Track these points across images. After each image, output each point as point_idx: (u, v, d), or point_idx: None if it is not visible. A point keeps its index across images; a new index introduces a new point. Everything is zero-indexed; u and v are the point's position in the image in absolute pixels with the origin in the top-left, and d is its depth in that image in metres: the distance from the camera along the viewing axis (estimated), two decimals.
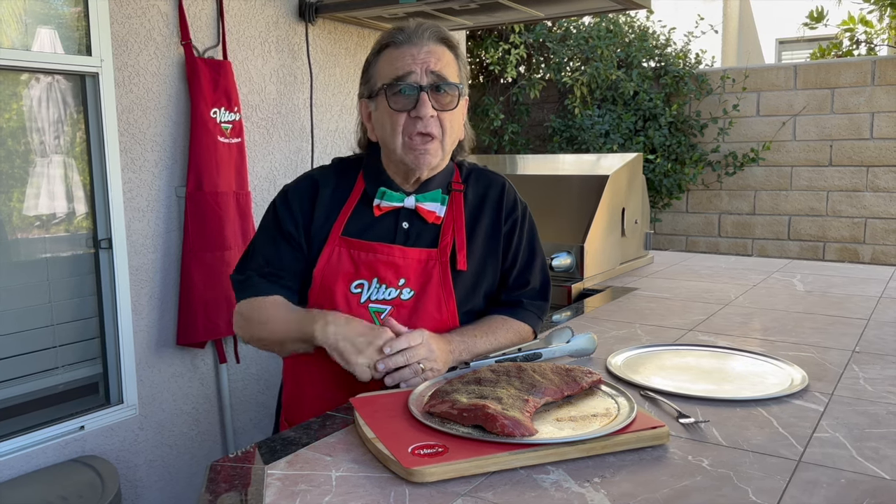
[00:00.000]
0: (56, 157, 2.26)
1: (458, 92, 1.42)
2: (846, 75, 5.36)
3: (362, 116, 1.51)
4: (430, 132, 1.39)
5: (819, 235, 5.60)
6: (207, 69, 2.53)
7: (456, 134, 1.47)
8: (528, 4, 2.83)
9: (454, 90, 1.41)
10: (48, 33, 2.20)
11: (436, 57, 1.39)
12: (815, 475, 1.02)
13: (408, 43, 1.39)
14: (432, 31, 1.41)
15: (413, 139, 1.39)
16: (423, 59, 1.38)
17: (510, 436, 1.05)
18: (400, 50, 1.40)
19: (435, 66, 1.38)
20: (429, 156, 1.40)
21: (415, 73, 1.37)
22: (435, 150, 1.41)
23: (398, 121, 1.39)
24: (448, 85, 1.40)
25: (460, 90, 1.42)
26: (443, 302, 1.47)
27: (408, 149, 1.40)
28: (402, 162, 1.43)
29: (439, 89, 1.39)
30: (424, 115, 1.37)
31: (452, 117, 1.42)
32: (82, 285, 2.37)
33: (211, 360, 2.72)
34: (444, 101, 1.40)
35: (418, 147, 1.39)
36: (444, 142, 1.42)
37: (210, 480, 1.04)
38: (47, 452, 2.22)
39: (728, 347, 1.64)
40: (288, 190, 1.53)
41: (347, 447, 1.12)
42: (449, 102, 1.41)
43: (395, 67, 1.39)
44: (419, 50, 1.39)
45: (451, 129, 1.43)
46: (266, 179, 2.86)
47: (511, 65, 5.69)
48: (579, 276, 2.50)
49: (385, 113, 1.41)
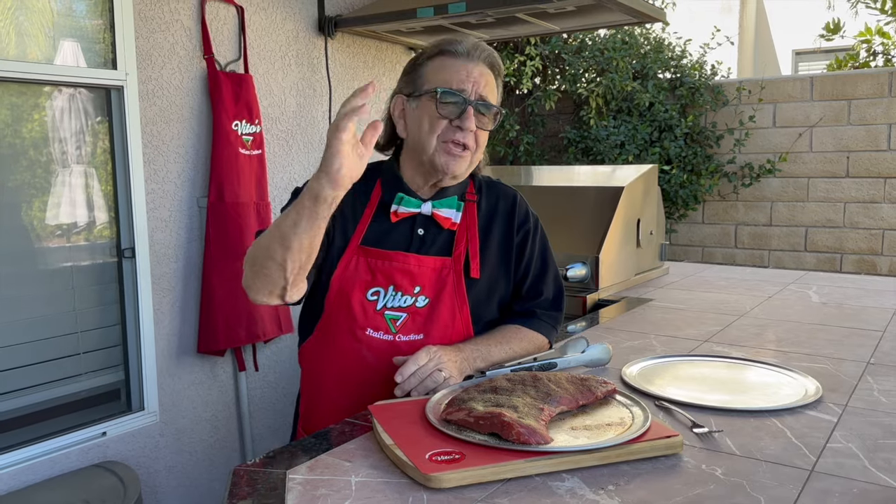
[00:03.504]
0: (81, 167, 2.32)
1: (495, 115, 1.49)
2: (863, 87, 5.34)
3: (393, 111, 1.53)
4: (466, 143, 1.45)
5: (836, 247, 5.57)
6: (229, 82, 2.58)
7: (482, 151, 1.53)
8: (543, 18, 2.87)
9: (493, 114, 1.48)
10: (73, 47, 2.26)
11: (486, 80, 1.47)
12: (827, 485, 1.03)
13: (465, 57, 1.46)
14: (488, 53, 1.49)
15: (449, 144, 1.45)
16: (475, 79, 1.45)
17: (526, 443, 1.07)
18: (457, 61, 1.46)
19: (484, 89, 1.46)
20: (460, 162, 1.46)
21: (467, 90, 1.44)
22: (467, 159, 1.47)
23: (438, 125, 1.44)
24: (491, 108, 1.47)
25: (497, 117, 1.50)
26: (457, 310, 1.50)
27: (442, 151, 1.45)
28: (431, 163, 1.47)
29: (482, 112, 1.46)
30: (467, 128, 1.44)
31: (485, 137, 1.50)
32: (105, 294, 2.41)
33: (230, 368, 2.75)
34: (484, 122, 1.47)
35: (453, 151, 1.45)
36: (474, 155, 1.49)
37: (233, 484, 1.07)
38: (70, 458, 2.26)
39: (742, 358, 1.65)
40: None
41: (366, 453, 1.14)
42: (487, 123, 1.48)
43: (451, 77, 1.45)
44: (474, 67, 1.46)
45: (481, 145, 1.50)
46: (285, 190, 2.90)
47: (526, 76, 5.71)
48: (594, 286, 2.52)
49: (428, 115, 1.45)
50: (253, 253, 1.34)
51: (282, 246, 1.25)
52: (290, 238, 1.24)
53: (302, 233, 1.23)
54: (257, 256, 1.32)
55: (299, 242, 1.24)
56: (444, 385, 1.35)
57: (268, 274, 1.30)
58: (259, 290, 1.34)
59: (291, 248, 1.25)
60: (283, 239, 1.25)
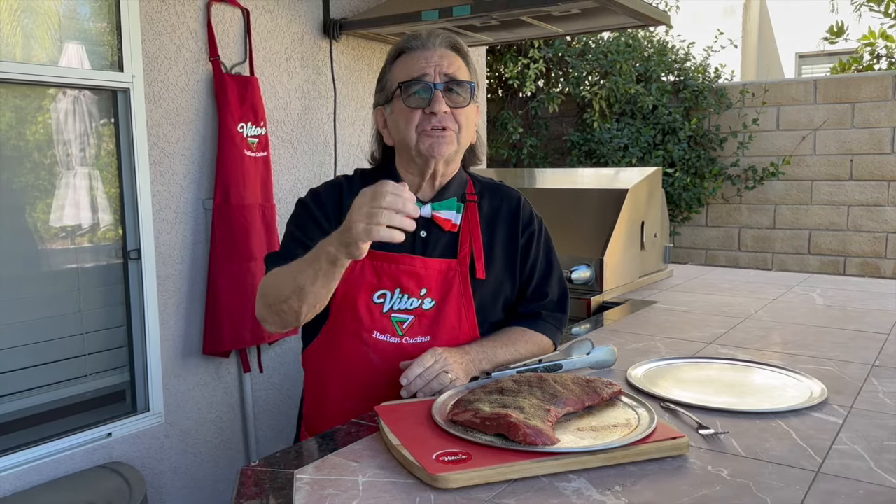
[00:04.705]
0: (87, 169, 2.33)
1: (469, 90, 1.46)
2: (866, 90, 5.34)
3: (378, 125, 1.55)
4: (444, 125, 1.43)
5: (840, 250, 5.57)
6: (235, 85, 2.59)
7: (470, 132, 1.50)
8: (547, 21, 2.87)
9: (466, 89, 1.45)
10: (79, 49, 2.28)
11: (448, 61, 1.45)
12: (833, 486, 1.03)
13: (422, 48, 1.46)
14: (444, 37, 1.48)
15: (428, 131, 1.43)
16: (436, 62, 1.43)
17: (532, 444, 1.07)
18: (414, 54, 1.46)
19: (447, 69, 1.44)
20: (444, 143, 1.43)
21: (429, 74, 1.43)
22: (451, 138, 1.44)
23: (413, 117, 1.43)
24: (460, 84, 1.45)
25: (472, 89, 1.47)
26: (463, 312, 1.50)
27: (424, 136, 1.43)
28: (418, 154, 1.45)
29: (452, 89, 1.44)
30: (439, 111, 1.42)
31: (466, 114, 1.46)
32: (111, 295, 2.42)
33: (235, 370, 2.76)
34: (457, 100, 1.45)
35: (433, 134, 1.43)
36: (459, 135, 1.46)
37: (240, 484, 1.07)
38: (75, 458, 2.27)
39: (747, 361, 1.65)
40: (317, 191, 1.55)
41: (373, 454, 1.15)
42: (462, 101, 1.45)
43: (410, 70, 1.44)
44: (432, 53, 1.45)
45: (465, 124, 1.47)
46: (291, 192, 2.91)
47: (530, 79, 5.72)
48: (598, 289, 2.52)
49: (400, 112, 1.45)
50: (267, 291, 1.39)
51: (298, 297, 1.31)
52: (306, 291, 1.30)
53: (319, 287, 1.29)
54: (272, 296, 1.37)
55: (315, 295, 1.31)
56: (450, 387, 1.36)
57: (283, 314, 1.36)
58: (274, 325, 1.42)
59: (307, 301, 1.31)
60: (299, 291, 1.30)
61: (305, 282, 1.28)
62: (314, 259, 1.27)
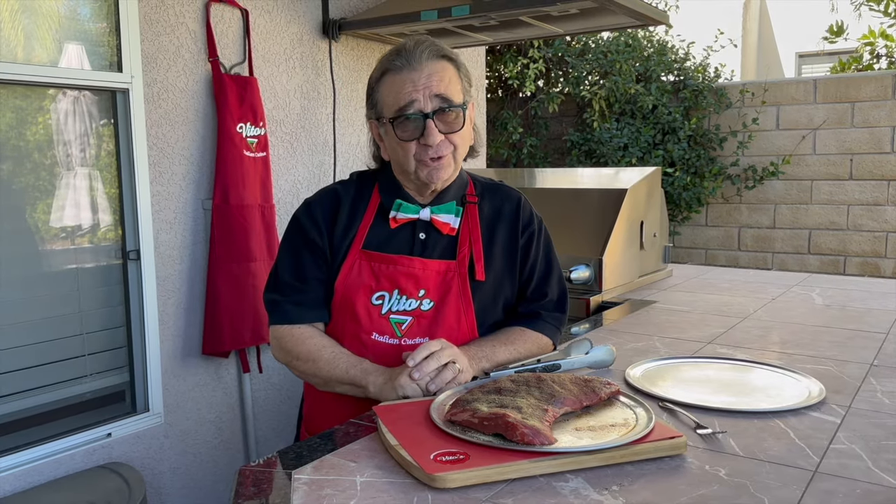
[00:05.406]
0: (86, 170, 2.33)
1: (462, 111, 1.44)
2: (866, 89, 5.34)
3: (373, 134, 1.54)
4: (440, 155, 1.42)
5: (840, 249, 5.57)
6: (234, 85, 2.59)
7: (466, 145, 1.50)
8: (547, 21, 2.87)
9: (458, 110, 1.43)
10: (78, 49, 2.28)
11: (437, 78, 1.40)
12: (831, 485, 1.03)
13: (407, 68, 1.40)
14: (430, 50, 1.42)
15: (426, 160, 1.43)
16: (424, 84, 1.39)
17: (530, 444, 1.07)
18: (400, 76, 1.41)
19: (437, 88, 1.40)
20: (442, 171, 1.45)
21: (418, 100, 1.39)
22: (447, 164, 1.45)
23: (409, 148, 1.42)
24: (453, 107, 1.42)
25: (465, 108, 1.45)
26: (462, 313, 1.50)
27: (422, 165, 1.44)
28: (417, 178, 1.47)
29: (444, 109, 1.41)
30: (433, 143, 1.40)
31: (460, 134, 1.45)
32: (111, 295, 2.43)
33: (234, 370, 2.76)
34: (451, 122, 1.43)
35: (430, 164, 1.43)
36: (455, 156, 1.46)
37: (239, 484, 1.07)
38: (75, 459, 2.27)
39: (746, 360, 1.65)
40: (311, 202, 1.56)
41: (371, 454, 1.15)
42: (455, 122, 1.43)
43: (398, 97, 1.40)
44: (419, 75, 1.39)
45: (461, 143, 1.46)
46: (290, 192, 2.91)
47: (530, 79, 5.73)
48: (598, 288, 2.52)
49: (395, 141, 1.44)
50: (290, 358, 1.51)
51: (323, 384, 1.49)
52: (331, 387, 1.47)
53: (347, 392, 1.45)
54: (296, 367, 1.51)
55: (334, 389, 1.48)
56: (457, 379, 1.36)
57: (302, 377, 1.54)
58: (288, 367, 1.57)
59: (336, 392, 1.48)
60: (324, 384, 1.48)
61: (335, 386, 1.46)
62: (351, 381, 1.42)
